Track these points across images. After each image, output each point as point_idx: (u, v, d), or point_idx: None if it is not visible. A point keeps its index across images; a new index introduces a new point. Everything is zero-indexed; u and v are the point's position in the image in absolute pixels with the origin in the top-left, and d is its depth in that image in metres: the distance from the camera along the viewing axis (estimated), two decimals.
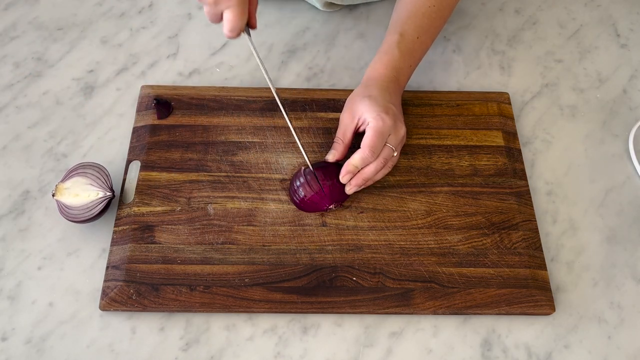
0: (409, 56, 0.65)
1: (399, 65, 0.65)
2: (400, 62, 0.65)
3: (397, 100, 0.64)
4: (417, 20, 0.66)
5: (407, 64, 0.65)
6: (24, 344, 0.57)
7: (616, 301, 0.61)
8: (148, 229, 0.61)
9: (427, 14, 0.66)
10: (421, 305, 0.58)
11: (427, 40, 0.67)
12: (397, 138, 0.61)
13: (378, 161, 0.61)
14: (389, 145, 0.61)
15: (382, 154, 0.61)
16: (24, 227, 0.63)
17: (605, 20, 0.84)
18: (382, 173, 0.63)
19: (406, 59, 0.65)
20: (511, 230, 0.63)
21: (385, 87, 0.63)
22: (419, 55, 0.67)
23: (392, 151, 0.61)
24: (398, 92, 0.65)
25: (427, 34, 0.67)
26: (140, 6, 0.82)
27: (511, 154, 0.68)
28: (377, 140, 0.60)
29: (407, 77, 0.66)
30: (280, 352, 0.57)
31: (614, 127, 0.74)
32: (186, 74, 0.75)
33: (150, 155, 0.66)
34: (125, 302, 0.57)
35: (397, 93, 0.65)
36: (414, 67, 0.67)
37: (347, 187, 0.62)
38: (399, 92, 0.65)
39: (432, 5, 0.66)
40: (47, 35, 0.79)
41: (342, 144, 0.63)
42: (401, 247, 0.61)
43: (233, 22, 0.57)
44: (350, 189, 0.62)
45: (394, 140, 0.61)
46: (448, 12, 0.68)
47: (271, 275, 0.59)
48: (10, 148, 0.69)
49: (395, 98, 0.64)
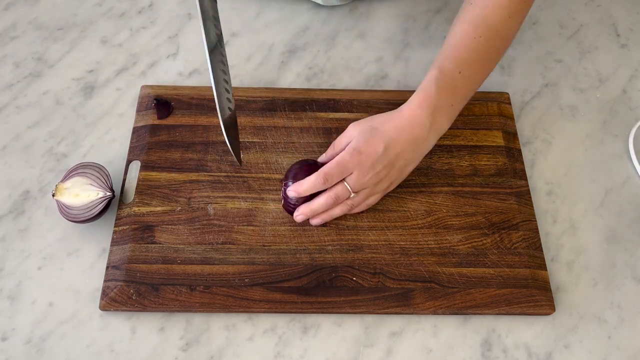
0: (448, 94, 0.59)
1: (436, 105, 0.59)
2: (437, 101, 0.59)
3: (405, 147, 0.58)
4: (459, 53, 0.60)
5: (446, 102, 0.59)
6: (24, 344, 0.57)
7: (616, 301, 0.61)
8: (148, 229, 0.61)
9: (472, 47, 0.60)
10: (421, 305, 0.58)
11: (473, 75, 0.61)
12: (357, 181, 0.57)
13: (328, 195, 0.58)
14: (346, 183, 0.58)
15: (335, 189, 0.58)
16: (24, 227, 0.63)
17: (605, 20, 0.84)
18: (339, 209, 0.60)
19: (445, 98, 0.59)
20: (511, 230, 0.63)
21: (404, 128, 0.58)
22: (462, 92, 0.61)
23: (347, 191, 0.58)
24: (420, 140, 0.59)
25: (471, 67, 0.60)
26: (140, 6, 0.82)
27: (511, 154, 0.68)
28: (334, 171, 0.57)
29: (447, 117, 0.60)
30: (280, 352, 0.57)
31: (614, 127, 0.74)
32: (186, 74, 0.75)
33: (150, 155, 0.66)
34: (125, 302, 0.57)
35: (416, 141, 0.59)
36: (458, 107, 0.61)
37: (296, 213, 0.59)
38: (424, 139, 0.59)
39: (477, 37, 0.60)
40: (47, 35, 0.79)
41: (331, 151, 0.61)
42: (401, 247, 0.61)
43: None
44: (297, 215, 0.59)
45: (352, 180, 0.57)
46: (500, 43, 0.62)
47: (271, 275, 0.59)
48: (10, 148, 0.69)
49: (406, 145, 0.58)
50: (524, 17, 0.63)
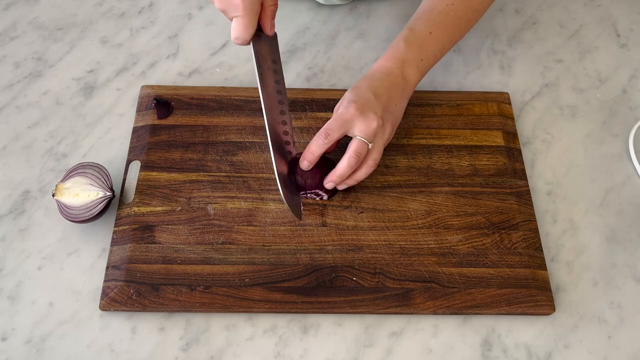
0: (417, 49, 0.64)
1: (404, 58, 0.63)
2: (405, 54, 0.63)
3: (390, 93, 0.62)
4: (432, 16, 0.65)
5: (415, 56, 0.63)
6: (24, 344, 0.57)
7: (616, 301, 0.61)
8: (148, 229, 0.61)
9: (444, 12, 0.65)
10: (421, 305, 0.58)
11: (443, 37, 0.65)
12: (365, 128, 0.59)
13: (349, 156, 0.59)
14: (359, 137, 0.59)
15: (353, 147, 0.59)
16: (24, 227, 0.63)
17: (605, 20, 0.84)
18: (364, 172, 0.61)
19: (414, 52, 0.63)
20: (511, 230, 0.63)
21: (378, 79, 0.62)
22: (431, 49, 0.65)
23: (365, 144, 0.59)
24: (398, 84, 0.63)
25: (442, 30, 0.65)
26: (140, 6, 0.82)
27: (511, 154, 0.68)
28: (334, 124, 0.59)
29: (417, 69, 0.64)
30: (280, 352, 0.57)
31: (614, 127, 0.74)
32: (186, 74, 0.75)
33: (150, 155, 0.66)
34: (125, 302, 0.57)
35: (396, 85, 0.62)
36: (428, 62, 0.65)
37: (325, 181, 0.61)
38: (401, 85, 0.63)
39: (450, 4, 0.65)
40: (47, 35, 0.79)
41: None
42: (401, 247, 0.61)
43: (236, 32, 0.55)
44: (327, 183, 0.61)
45: (361, 130, 0.59)
46: (472, 14, 0.67)
47: (271, 275, 0.59)
48: (10, 148, 0.69)
49: (387, 90, 0.61)
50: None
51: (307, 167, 0.61)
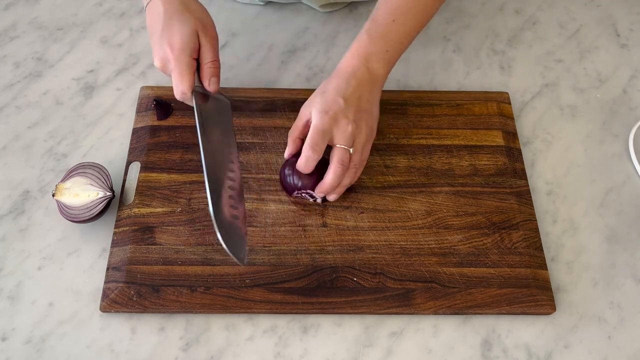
0: (381, 40, 0.62)
1: (368, 51, 0.61)
2: (369, 48, 0.61)
3: (359, 92, 0.60)
4: (393, 3, 0.63)
5: (379, 48, 0.61)
6: (24, 344, 0.57)
7: (616, 301, 0.61)
8: (148, 230, 0.61)
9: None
10: (422, 306, 0.58)
11: (408, 22, 0.63)
12: (343, 136, 0.58)
13: (334, 168, 0.58)
14: (339, 145, 0.58)
15: (335, 157, 0.58)
16: (24, 227, 0.63)
17: (605, 20, 0.84)
18: (349, 177, 0.61)
19: (377, 44, 0.61)
20: (511, 230, 0.63)
21: (345, 80, 0.60)
22: (396, 37, 0.62)
23: (346, 150, 0.58)
24: (366, 81, 0.61)
25: (406, 16, 0.62)
26: (140, 6, 0.82)
27: (511, 154, 0.68)
28: (317, 138, 0.58)
29: (382, 62, 0.62)
30: (280, 352, 0.57)
31: (614, 127, 0.74)
32: None
33: (150, 157, 0.66)
34: (126, 303, 0.57)
35: (363, 82, 0.61)
36: (394, 52, 0.63)
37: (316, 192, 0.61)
38: (369, 81, 0.61)
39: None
40: (47, 35, 0.79)
41: (291, 137, 0.62)
42: (402, 248, 0.61)
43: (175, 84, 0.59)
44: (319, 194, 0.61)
45: (339, 139, 0.58)
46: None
47: (272, 276, 0.59)
48: (10, 148, 0.69)
49: (355, 89, 0.60)
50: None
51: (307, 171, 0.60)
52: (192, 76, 0.59)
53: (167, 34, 0.58)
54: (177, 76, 0.58)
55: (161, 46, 0.59)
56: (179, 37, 0.58)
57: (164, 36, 0.59)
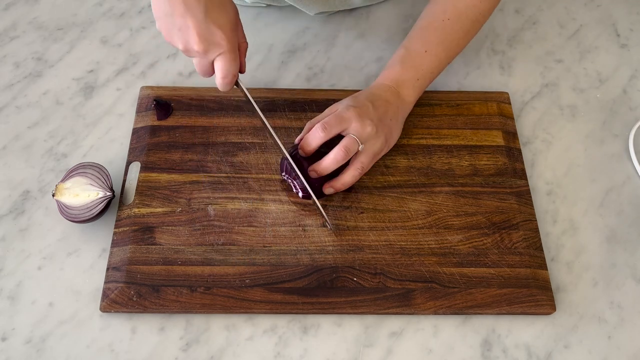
0: (412, 69, 0.65)
1: (400, 79, 0.65)
2: (401, 75, 0.65)
3: (386, 107, 0.63)
4: (427, 34, 0.66)
5: (411, 76, 0.65)
6: (24, 344, 0.57)
7: (616, 301, 0.61)
8: (148, 230, 0.61)
9: (440, 28, 0.66)
10: (422, 306, 0.58)
11: (439, 53, 0.66)
12: (361, 130, 0.60)
13: (338, 149, 0.59)
14: (352, 134, 0.59)
15: (343, 142, 0.59)
16: (24, 227, 0.63)
17: (605, 20, 0.84)
18: (350, 175, 0.61)
19: (409, 72, 0.65)
20: (511, 230, 0.63)
21: (376, 93, 0.64)
22: (427, 67, 0.66)
23: (356, 142, 0.59)
24: (394, 102, 0.64)
25: (438, 47, 0.66)
26: (140, 6, 0.82)
27: (511, 154, 0.68)
28: (333, 120, 0.59)
29: (412, 89, 0.65)
30: (280, 352, 0.57)
31: (614, 127, 0.74)
32: (186, 74, 0.75)
33: (150, 157, 0.66)
34: (126, 303, 0.57)
35: (392, 102, 0.64)
36: (424, 80, 0.66)
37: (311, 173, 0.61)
38: (397, 103, 0.64)
39: (446, 19, 0.66)
40: (47, 35, 0.79)
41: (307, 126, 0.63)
42: (402, 248, 0.61)
43: (225, 69, 0.55)
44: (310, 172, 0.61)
45: (355, 130, 0.60)
46: (470, 25, 0.67)
47: (272, 276, 0.59)
48: (10, 148, 0.69)
49: (384, 104, 0.63)
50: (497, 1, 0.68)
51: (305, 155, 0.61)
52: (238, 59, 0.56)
53: (214, 14, 0.53)
54: (229, 61, 0.54)
55: (208, 28, 0.53)
56: (230, 15, 0.54)
57: (210, 16, 0.52)
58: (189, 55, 0.55)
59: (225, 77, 0.55)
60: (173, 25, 0.53)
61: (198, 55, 0.55)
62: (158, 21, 0.54)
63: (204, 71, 0.56)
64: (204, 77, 0.57)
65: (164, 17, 0.53)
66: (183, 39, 0.53)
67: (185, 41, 0.53)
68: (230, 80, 0.56)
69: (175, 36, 0.54)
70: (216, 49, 0.54)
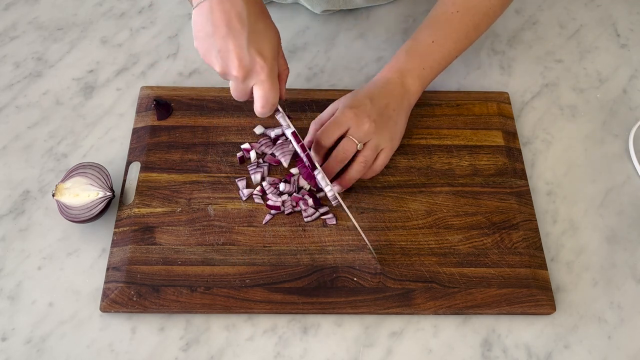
0: (418, 58, 0.66)
1: (404, 67, 0.65)
2: (406, 64, 0.65)
3: (387, 100, 0.63)
4: (436, 25, 0.67)
5: (415, 65, 0.65)
6: (24, 344, 0.57)
7: (616, 301, 0.61)
8: (148, 230, 0.61)
9: (448, 20, 0.66)
10: (422, 306, 0.58)
11: (447, 45, 0.66)
12: (357, 131, 0.61)
13: (336, 151, 0.61)
14: (350, 137, 0.61)
15: (341, 144, 0.61)
16: (24, 227, 0.63)
17: (605, 20, 0.84)
18: (355, 170, 0.62)
19: (414, 61, 0.65)
20: (512, 230, 0.63)
21: (377, 87, 0.64)
22: (434, 57, 0.66)
23: (353, 142, 0.61)
24: (397, 93, 0.64)
25: (446, 38, 0.66)
26: (140, 6, 0.82)
27: (511, 154, 0.68)
28: (331, 126, 0.61)
29: (417, 78, 0.65)
30: (280, 352, 0.57)
31: (614, 127, 0.74)
32: (186, 74, 0.75)
33: (150, 157, 0.66)
34: (126, 303, 0.57)
35: (394, 94, 0.64)
36: (432, 70, 0.66)
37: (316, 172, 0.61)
38: (400, 94, 0.65)
39: (455, 12, 0.66)
40: (47, 35, 0.79)
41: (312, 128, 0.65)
42: (402, 248, 0.61)
43: (264, 98, 0.53)
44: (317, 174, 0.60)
45: (353, 132, 0.61)
46: (480, 19, 0.67)
47: (272, 276, 0.59)
48: (10, 148, 0.69)
49: (384, 97, 0.63)
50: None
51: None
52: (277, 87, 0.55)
53: (257, 40, 0.52)
54: (269, 90, 0.53)
55: (249, 55, 0.52)
56: (271, 45, 0.53)
57: (252, 42, 0.52)
58: (225, 78, 0.54)
59: (264, 106, 0.54)
60: (212, 47, 0.52)
61: (236, 81, 0.53)
62: (197, 40, 0.53)
63: (240, 96, 0.55)
64: (239, 100, 0.56)
65: (205, 38, 0.52)
66: (222, 62, 0.52)
67: (224, 65, 0.52)
68: (269, 109, 0.55)
69: (213, 58, 0.53)
70: (256, 76, 0.53)
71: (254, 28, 0.52)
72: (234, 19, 0.51)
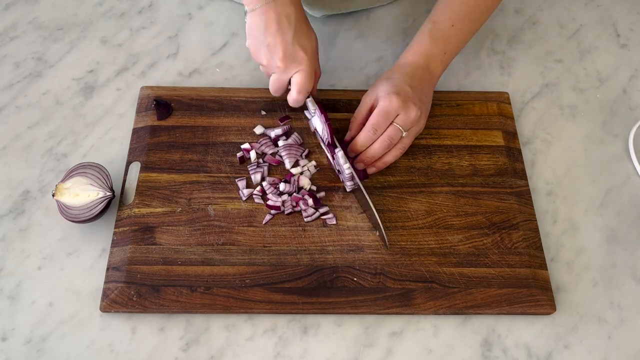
0: (442, 43, 0.66)
1: (429, 52, 0.65)
2: (430, 49, 0.65)
3: (422, 85, 0.64)
4: (454, 7, 0.67)
5: (439, 50, 0.66)
6: (24, 344, 0.57)
7: (616, 301, 0.61)
8: (148, 230, 0.61)
9: (465, 2, 0.67)
10: (422, 306, 0.58)
11: (465, 27, 0.67)
12: (406, 119, 0.61)
13: (382, 139, 0.62)
14: (396, 124, 0.61)
15: (388, 132, 0.62)
16: (24, 227, 0.63)
17: (605, 20, 0.84)
18: (392, 155, 0.63)
19: (439, 46, 0.66)
20: (511, 230, 0.63)
21: (409, 73, 0.64)
22: (454, 42, 0.67)
23: (400, 131, 0.62)
24: (427, 78, 0.65)
25: (464, 21, 0.67)
26: (140, 6, 0.82)
27: (511, 154, 0.68)
28: (380, 119, 0.61)
29: (440, 63, 0.66)
30: (280, 352, 0.57)
31: (614, 127, 0.74)
32: (186, 74, 0.75)
33: (150, 157, 0.66)
34: (126, 303, 0.57)
35: (425, 79, 0.65)
36: (451, 54, 0.67)
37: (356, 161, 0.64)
38: (429, 79, 0.66)
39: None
40: (47, 35, 0.79)
41: (354, 122, 0.65)
42: (402, 248, 0.61)
43: (301, 84, 0.61)
44: (358, 163, 0.64)
45: (401, 120, 0.61)
46: (492, 1, 0.68)
47: (272, 276, 0.59)
48: (10, 148, 0.69)
49: (419, 83, 0.64)
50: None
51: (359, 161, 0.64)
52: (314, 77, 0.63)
53: (300, 38, 0.61)
54: (307, 78, 0.61)
55: (293, 48, 0.60)
56: (312, 43, 0.63)
57: (297, 39, 0.61)
58: (269, 71, 0.62)
59: (300, 92, 0.62)
60: (262, 43, 0.61)
61: (278, 71, 0.61)
62: (249, 38, 0.62)
63: (279, 87, 0.63)
64: (275, 94, 0.65)
65: (257, 35, 0.61)
66: (269, 55, 0.61)
67: (270, 57, 0.61)
68: (304, 96, 0.62)
69: (262, 52, 0.61)
70: (296, 66, 0.61)
71: (299, 28, 0.61)
72: (283, 19, 0.60)
